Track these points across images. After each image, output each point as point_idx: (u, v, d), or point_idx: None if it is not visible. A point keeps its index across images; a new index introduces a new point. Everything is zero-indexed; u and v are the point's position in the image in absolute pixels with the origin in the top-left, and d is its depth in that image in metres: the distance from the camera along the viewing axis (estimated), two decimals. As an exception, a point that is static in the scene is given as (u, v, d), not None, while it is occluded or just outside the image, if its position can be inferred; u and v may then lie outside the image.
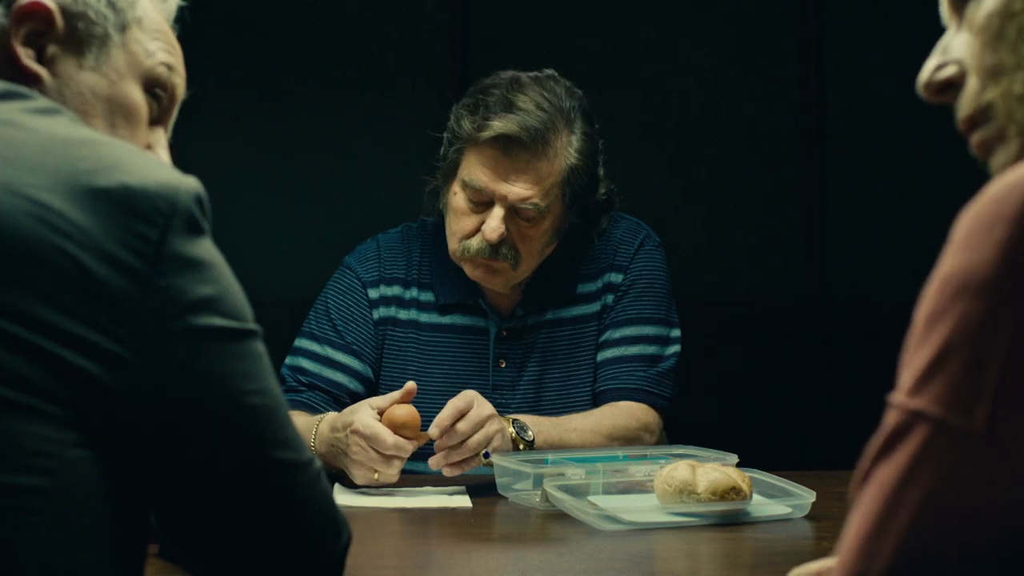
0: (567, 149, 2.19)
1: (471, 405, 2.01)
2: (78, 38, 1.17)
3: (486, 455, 2.02)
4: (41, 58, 1.16)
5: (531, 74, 2.23)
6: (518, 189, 2.17)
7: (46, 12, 1.15)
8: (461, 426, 1.99)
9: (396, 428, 1.98)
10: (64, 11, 1.16)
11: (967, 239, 0.84)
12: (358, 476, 2.02)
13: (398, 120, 3.24)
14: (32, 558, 0.97)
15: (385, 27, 3.28)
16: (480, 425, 2.00)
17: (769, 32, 3.30)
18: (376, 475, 2.00)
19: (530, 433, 2.11)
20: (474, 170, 2.19)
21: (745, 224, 3.30)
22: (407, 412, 2.00)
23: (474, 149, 2.19)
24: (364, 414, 2.00)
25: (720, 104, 3.29)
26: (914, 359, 0.84)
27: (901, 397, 0.84)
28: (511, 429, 2.09)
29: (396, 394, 2.02)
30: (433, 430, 1.99)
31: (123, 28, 1.20)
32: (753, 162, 3.29)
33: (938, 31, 1.03)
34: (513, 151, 2.16)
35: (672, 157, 3.30)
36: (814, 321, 3.28)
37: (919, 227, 3.11)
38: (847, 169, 3.28)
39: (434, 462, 2.01)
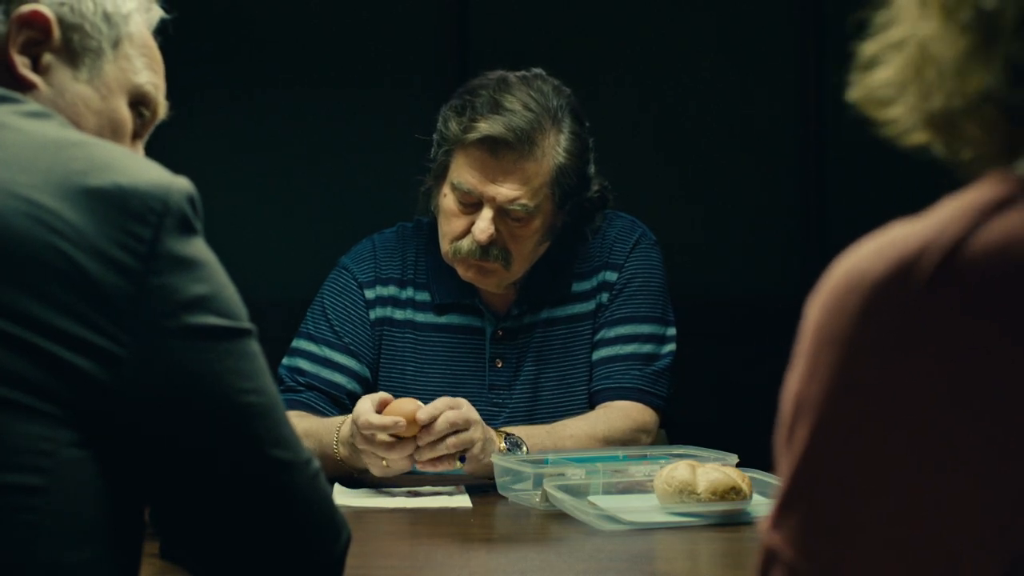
0: (555, 148, 2.18)
1: (458, 407, 2.01)
2: (73, 50, 1.18)
3: (461, 459, 2.01)
4: (36, 67, 1.16)
5: (518, 73, 2.23)
6: (506, 190, 2.17)
7: (45, 22, 1.16)
8: (439, 424, 1.98)
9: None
10: (61, 22, 1.17)
11: (808, 355, 0.80)
12: (372, 467, 2.02)
13: (395, 120, 3.23)
14: (28, 556, 0.97)
15: (382, 27, 3.28)
16: (460, 428, 1.99)
17: (768, 32, 3.29)
18: (384, 462, 2.00)
19: (524, 450, 2.10)
20: (462, 172, 2.19)
21: (744, 224, 3.29)
22: (406, 404, 1.99)
23: (462, 151, 2.19)
24: (361, 406, 2.01)
25: (718, 104, 3.29)
26: (779, 473, 0.81)
27: (766, 525, 0.82)
28: (503, 445, 2.08)
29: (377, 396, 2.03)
30: (421, 414, 1.98)
31: (116, 43, 1.21)
32: (751, 162, 3.29)
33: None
34: (500, 152, 2.16)
35: (670, 157, 3.29)
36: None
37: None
38: (845, 168, 3.28)
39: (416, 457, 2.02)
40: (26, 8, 1.15)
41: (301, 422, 2.13)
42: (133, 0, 1.23)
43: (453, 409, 2.00)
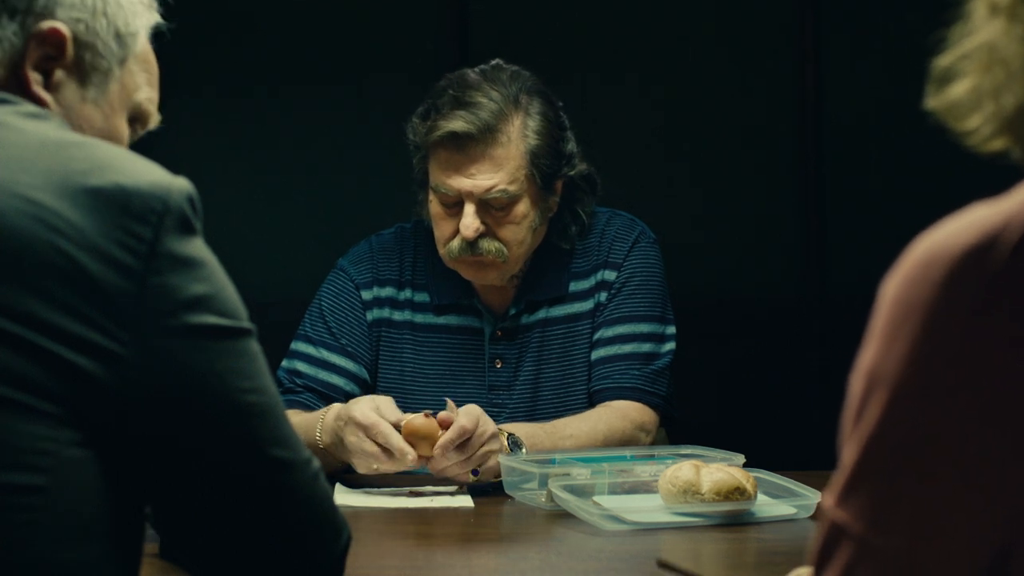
0: (523, 132, 2.19)
1: (475, 426, 1.99)
2: (83, 68, 1.18)
3: (475, 472, 2.00)
4: (47, 83, 1.16)
5: (477, 68, 2.25)
6: (480, 181, 2.18)
7: (61, 39, 1.15)
8: (464, 451, 1.97)
9: (414, 439, 1.96)
10: (76, 40, 1.16)
11: (885, 329, 0.80)
12: (359, 465, 2.00)
13: (396, 120, 3.22)
14: (29, 555, 0.97)
15: (383, 26, 3.28)
16: (479, 446, 1.99)
17: (768, 31, 3.29)
18: (376, 465, 1.98)
19: (523, 452, 2.09)
20: (437, 174, 2.20)
21: (744, 224, 3.29)
22: (425, 424, 1.97)
23: (433, 154, 2.21)
24: (363, 406, 2.00)
25: (718, 103, 3.28)
26: (845, 453, 0.81)
27: (830, 502, 0.82)
28: (505, 444, 2.07)
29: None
30: (436, 450, 1.96)
31: (123, 62, 1.20)
32: (751, 161, 3.29)
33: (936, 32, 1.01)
34: (465, 146, 2.17)
35: (670, 155, 3.29)
36: (813, 321, 3.27)
37: (918, 226, 3.07)
38: (845, 168, 3.27)
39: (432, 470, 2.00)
40: (45, 25, 1.14)
41: (291, 418, 2.12)
42: (142, 17, 1.23)
43: (462, 442, 1.97)
